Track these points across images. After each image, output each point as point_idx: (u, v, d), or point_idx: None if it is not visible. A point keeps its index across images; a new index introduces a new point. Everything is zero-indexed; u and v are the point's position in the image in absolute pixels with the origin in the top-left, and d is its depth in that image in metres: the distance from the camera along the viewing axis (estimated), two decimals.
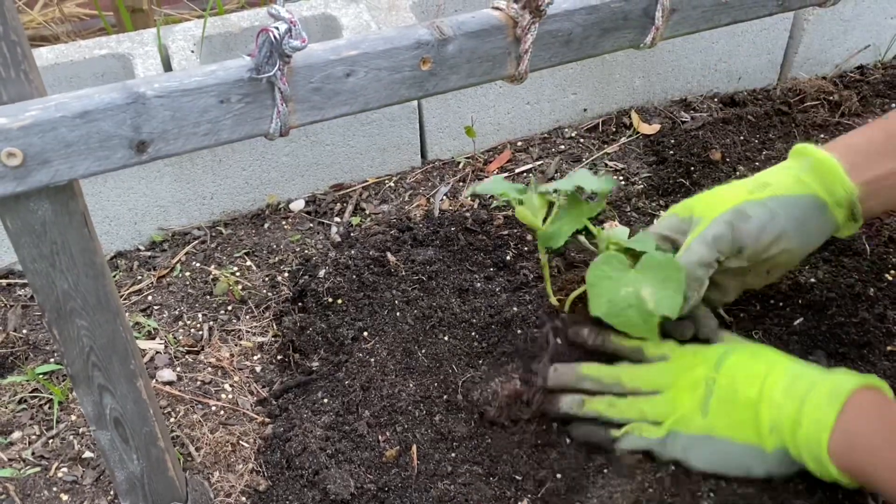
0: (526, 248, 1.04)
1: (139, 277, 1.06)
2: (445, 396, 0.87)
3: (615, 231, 0.93)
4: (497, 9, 0.65)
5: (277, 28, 0.54)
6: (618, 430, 0.80)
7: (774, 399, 0.73)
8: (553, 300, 0.94)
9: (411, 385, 0.88)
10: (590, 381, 0.83)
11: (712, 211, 0.82)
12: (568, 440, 0.83)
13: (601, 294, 0.79)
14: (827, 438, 0.68)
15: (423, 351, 0.92)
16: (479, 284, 0.99)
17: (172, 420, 0.88)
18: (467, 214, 1.09)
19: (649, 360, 0.82)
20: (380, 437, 0.84)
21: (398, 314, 0.96)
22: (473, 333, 0.92)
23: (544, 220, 0.88)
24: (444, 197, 1.15)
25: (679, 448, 0.77)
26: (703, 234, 0.81)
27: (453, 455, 0.83)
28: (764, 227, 0.80)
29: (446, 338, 0.93)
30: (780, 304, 0.94)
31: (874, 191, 0.80)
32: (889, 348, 0.88)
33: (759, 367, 0.76)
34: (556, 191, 0.87)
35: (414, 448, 0.83)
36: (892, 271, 0.97)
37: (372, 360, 0.91)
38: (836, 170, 0.80)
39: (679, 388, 0.78)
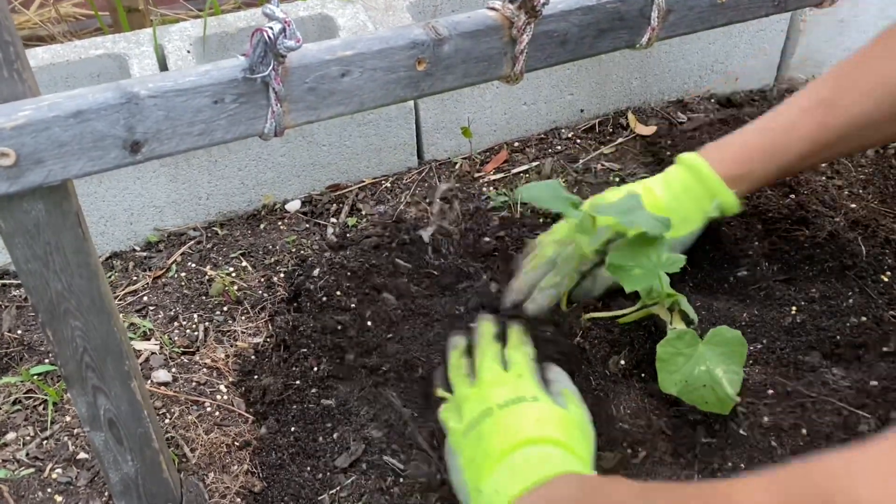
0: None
1: (134, 278, 1.05)
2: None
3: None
4: (493, 9, 0.65)
5: (272, 28, 0.54)
6: (445, 392, 0.85)
7: (492, 478, 0.71)
8: (564, 307, 0.94)
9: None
10: (476, 336, 0.90)
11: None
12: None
13: (674, 371, 0.81)
14: None
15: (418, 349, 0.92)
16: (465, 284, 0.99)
17: (167, 421, 0.88)
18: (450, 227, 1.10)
19: (504, 358, 0.85)
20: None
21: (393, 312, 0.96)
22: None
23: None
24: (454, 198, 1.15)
25: (449, 445, 0.79)
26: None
27: None
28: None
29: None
30: (777, 305, 0.94)
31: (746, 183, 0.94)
32: (885, 349, 0.88)
33: (519, 428, 0.74)
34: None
35: None
36: (889, 272, 0.97)
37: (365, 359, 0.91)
38: (720, 187, 0.93)
39: (481, 392, 0.80)
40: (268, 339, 0.96)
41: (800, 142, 0.91)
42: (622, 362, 0.89)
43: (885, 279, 0.96)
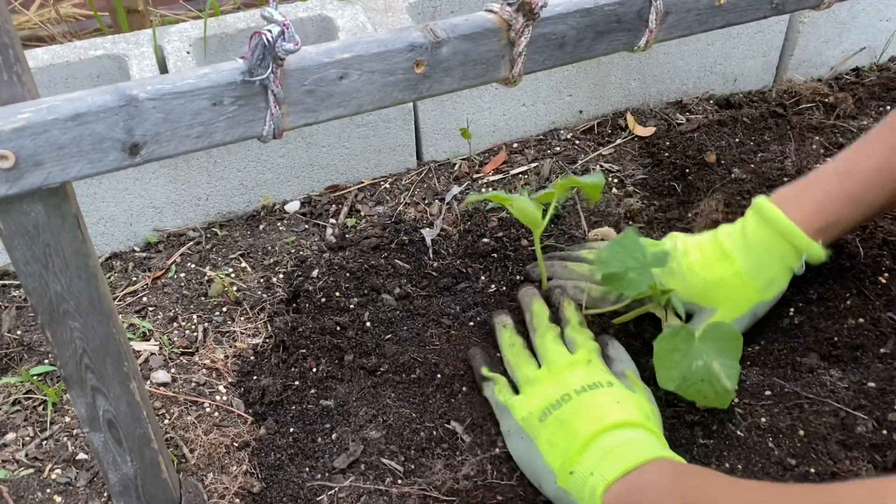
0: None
1: (134, 279, 1.06)
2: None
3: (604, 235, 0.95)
4: (491, 11, 0.65)
5: (270, 31, 0.54)
6: (492, 371, 0.87)
7: (589, 450, 0.73)
8: (545, 284, 0.95)
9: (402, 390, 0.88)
10: (529, 315, 0.92)
11: (728, 309, 0.88)
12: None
13: (671, 367, 0.81)
14: (600, 502, 0.70)
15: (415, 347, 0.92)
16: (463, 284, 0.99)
17: (166, 422, 0.88)
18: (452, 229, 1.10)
19: (565, 339, 0.87)
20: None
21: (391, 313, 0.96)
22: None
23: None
24: (453, 200, 1.15)
25: (506, 427, 0.82)
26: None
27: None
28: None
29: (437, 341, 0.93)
30: (774, 306, 0.94)
31: (831, 233, 0.88)
32: (883, 351, 0.88)
33: (605, 413, 0.76)
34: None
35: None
36: (886, 274, 0.97)
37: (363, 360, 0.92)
38: (807, 243, 0.87)
39: (552, 376, 0.82)
40: (267, 340, 0.96)
41: (891, 180, 0.85)
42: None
43: (883, 280, 0.96)
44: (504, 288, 1.01)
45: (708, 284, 0.88)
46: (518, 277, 1.02)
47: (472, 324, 0.95)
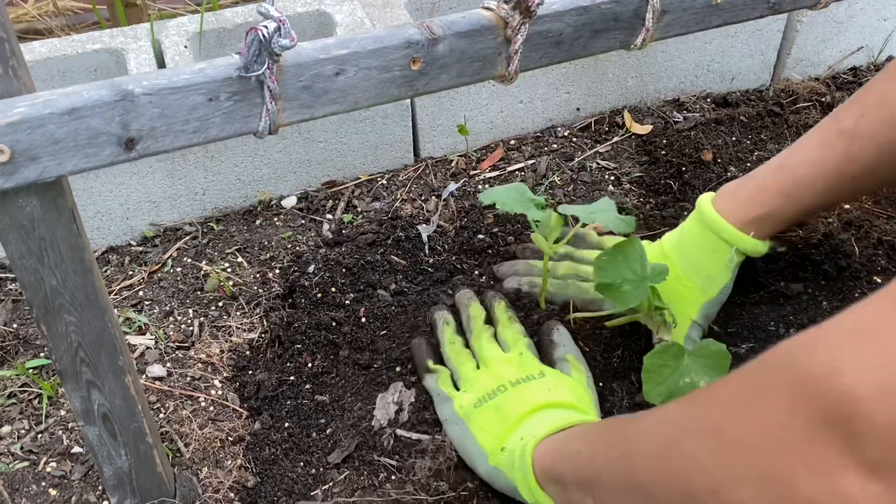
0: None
1: (130, 273, 1.06)
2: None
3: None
4: (487, 9, 0.65)
5: (266, 27, 0.54)
6: (436, 364, 0.89)
7: (513, 437, 0.76)
8: (542, 305, 0.95)
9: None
10: (465, 316, 0.94)
11: (684, 310, 0.89)
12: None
13: (659, 382, 0.82)
14: (530, 457, 0.72)
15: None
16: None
17: (161, 415, 0.88)
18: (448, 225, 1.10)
19: (498, 339, 0.90)
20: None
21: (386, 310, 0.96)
22: None
23: (557, 240, 0.91)
24: (450, 196, 1.15)
25: (444, 415, 0.84)
26: (686, 337, 0.88)
27: None
28: None
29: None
30: (771, 305, 0.95)
31: (767, 225, 0.87)
32: None
33: (535, 396, 0.79)
34: (574, 217, 0.92)
35: None
36: (883, 274, 0.97)
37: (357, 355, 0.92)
38: (736, 236, 0.86)
39: (488, 372, 0.85)
40: (262, 335, 0.96)
41: (822, 177, 0.84)
42: (615, 362, 0.89)
43: (879, 280, 0.96)
44: (498, 286, 1.01)
45: (655, 294, 0.88)
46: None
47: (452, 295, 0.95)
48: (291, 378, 0.91)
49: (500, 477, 0.76)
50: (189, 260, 1.07)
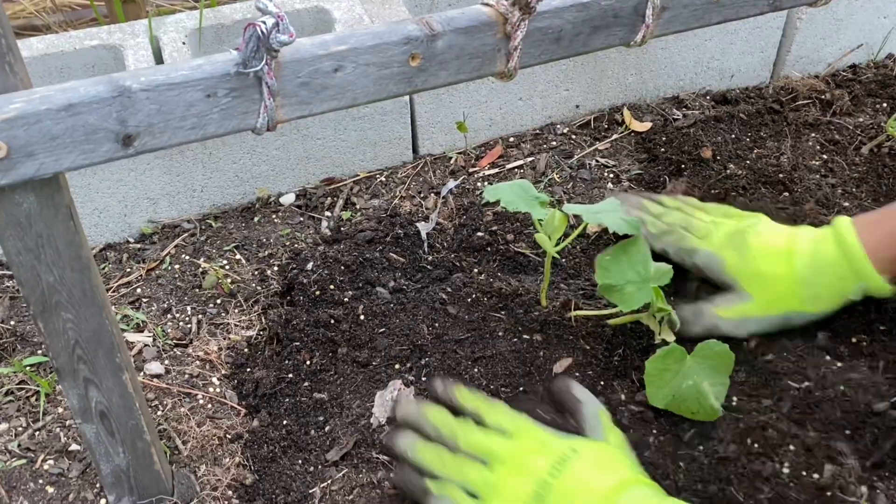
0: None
1: (128, 270, 1.05)
2: None
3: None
4: (487, 5, 0.65)
5: (265, 22, 0.54)
6: (438, 483, 0.74)
7: None
8: (544, 301, 0.95)
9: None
10: (429, 426, 0.77)
11: (765, 302, 0.87)
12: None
13: (662, 386, 0.82)
14: None
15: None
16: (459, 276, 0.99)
17: (159, 413, 0.88)
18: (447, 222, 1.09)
19: (489, 426, 0.76)
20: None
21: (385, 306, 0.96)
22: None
23: (560, 239, 0.90)
24: (449, 193, 1.15)
25: None
26: (749, 320, 0.87)
27: None
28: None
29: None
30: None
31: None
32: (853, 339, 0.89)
33: (598, 489, 0.68)
34: (576, 216, 0.89)
35: None
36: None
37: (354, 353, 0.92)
38: (868, 271, 0.84)
39: (511, 470, 0.72)
40: (261, 333, 0.96)
41: None
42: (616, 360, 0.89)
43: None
44: (497, 283, 1.00)
45: (758, 274, 0.87)
46: (512, 266, 1.02)
47: (466, 317, 0.95)
48: (290, 375, 0.91)
49: None
50: (187, 257, 1.07)
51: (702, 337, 0.85)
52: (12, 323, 0.99)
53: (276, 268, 1.04)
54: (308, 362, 0.92)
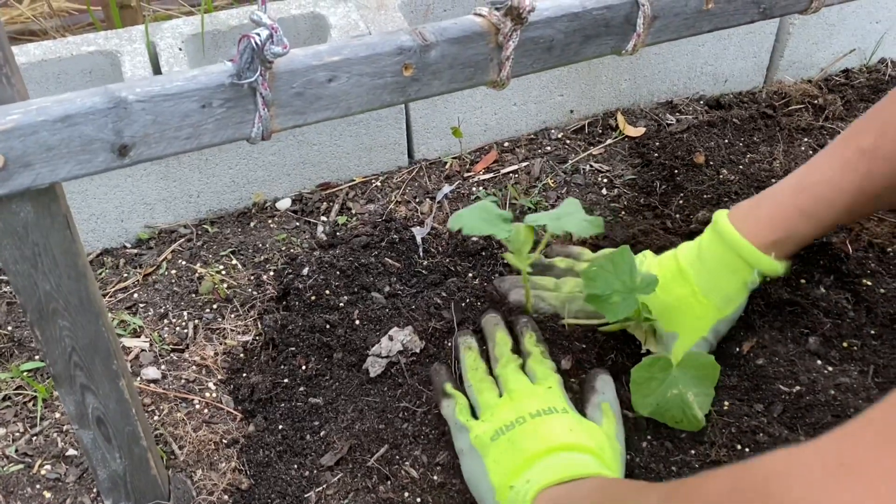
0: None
1: (125, 275, 1.06)
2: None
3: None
4: (479, 15, 0.66)
5: (259, 34, 0.54)
6: (455, 389, 0.85)
7: (523, 476, 0.73)
8: (528, 308, 0.95)
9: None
10: (492, 342, 0.89)
11: (689, 330, 0.87)
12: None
13: (648, 394, 0.83)
14: None
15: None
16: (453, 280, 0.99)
17: (156, 418, 0.89)
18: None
19: (528, 369, 0.85)
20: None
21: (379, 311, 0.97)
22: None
23: (533, 248, 0.90)
24: (444, 198, 1.15)
25: (460, 446, 0.80)
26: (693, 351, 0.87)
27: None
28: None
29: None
30: (762, 307, 0.95)
31: (787, 246, 0.87)
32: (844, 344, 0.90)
33: (552, 436, 0.75)
34: (543, 227, 0.90)
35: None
36: (873, 277, 0.98)
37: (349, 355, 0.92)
38: (758, 258, 0.86)
39: (513, 403, 0.80)
40: (256, 338, 0.97)
41: (843, 195, 0.84)
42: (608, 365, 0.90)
43: (869, 283, 0.97)
44: (491, 287, 1.01)
45: (666, 306, 0.88)
46: (506, 271, 1.03)
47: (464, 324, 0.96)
48: (285, 380, 0.91)
49: None
50: (184, 262, 1.07)
51: None
52: (10, 328, 0.99)
53: (271, 273, 1.05)
54: (304, 367, 0.92)
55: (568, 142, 1.25)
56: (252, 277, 1.04)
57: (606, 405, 0.82)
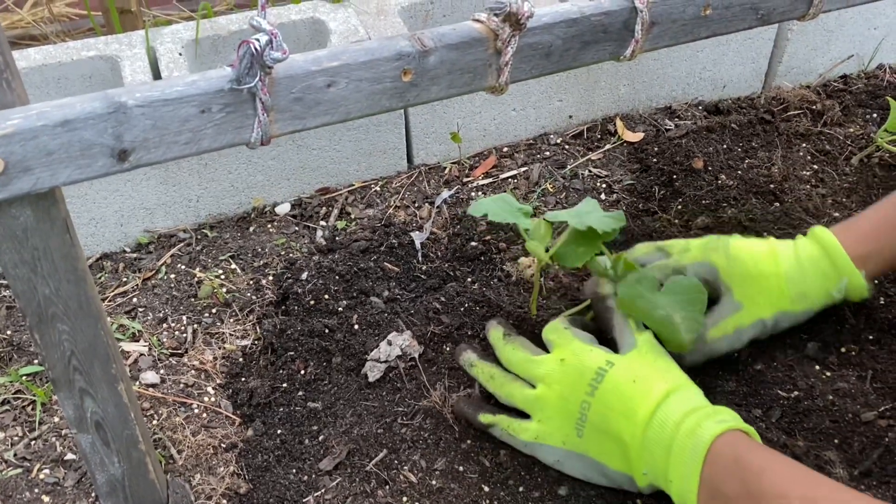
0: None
1: (124, 279, 1.06)
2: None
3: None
4: (478, 21, 0.66)
5: (258, 40, 0.55)
6: (490, 414, 0.83)
7: (646, 446, 0.73)
8: (534, 312, 0.95)
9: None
10: (491, 343, 0.89)
11: (755, 306, 0.88)
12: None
13: (635, 312, 0.83)
14: (695, 499, 0.69)
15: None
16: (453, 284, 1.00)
17: (155, 422, 0.89)
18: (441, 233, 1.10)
19: (543, 343, 0.86)
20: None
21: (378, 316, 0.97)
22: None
23: (547, 248, 0.90)
24: (443, 203, 1.16)
25: (551, 458, 0.80)
26: (743, 330, 0.88)
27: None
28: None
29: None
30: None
31: (876, 263, 0.88)
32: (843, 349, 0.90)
33: (634, 399, 0.75)
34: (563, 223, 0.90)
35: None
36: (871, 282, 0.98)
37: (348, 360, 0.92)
38: (849, 267, 0.86)
39: (552, 389, 0.80)
40: (255, 342, 0.97)
41: None
42: None
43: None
44: (490, 293, 1.01)
45: (748, 275, 0.88)
46: (504, 276, 1.03)
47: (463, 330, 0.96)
48: (284, 385, 0.91)
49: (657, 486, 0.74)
50: (183, 266, 1.07)
51: (701, 364, 0.87)
52: (9, 332, 0.99)
53: (270, 277, 1.05)
54: (302, 372, 0.93)
55: (567, 147, 1.25)
56: (251, 282, 1.05)
57: (632, 322, 0.83)
